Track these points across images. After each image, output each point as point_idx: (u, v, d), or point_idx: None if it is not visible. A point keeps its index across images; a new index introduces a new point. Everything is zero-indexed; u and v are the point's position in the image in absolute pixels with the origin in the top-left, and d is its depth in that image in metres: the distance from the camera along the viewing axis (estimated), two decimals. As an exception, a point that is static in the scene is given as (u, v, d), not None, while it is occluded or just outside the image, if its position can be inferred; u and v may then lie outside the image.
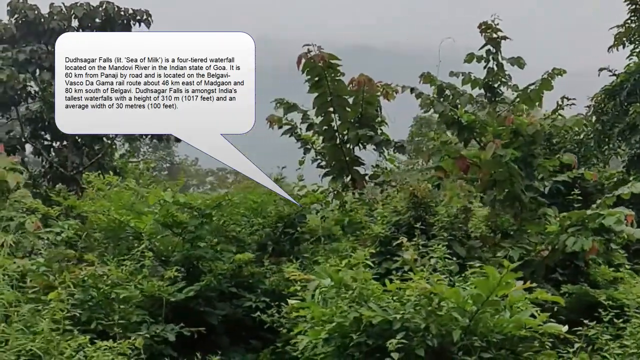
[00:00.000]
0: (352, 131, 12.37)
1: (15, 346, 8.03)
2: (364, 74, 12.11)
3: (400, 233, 10.69)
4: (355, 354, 7.69)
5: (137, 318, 9.62)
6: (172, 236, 11.14)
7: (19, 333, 8.21)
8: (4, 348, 7.99)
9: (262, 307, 10.39)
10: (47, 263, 9.59)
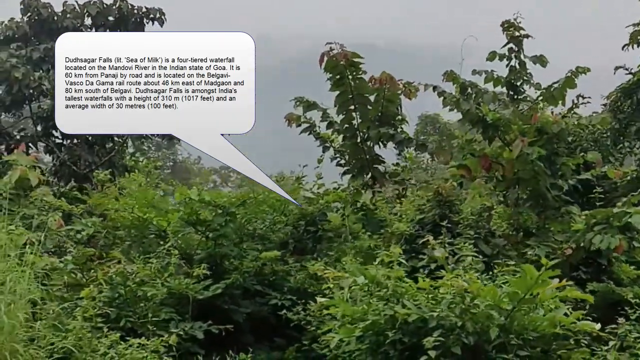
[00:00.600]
0: (372, 129, 12.36)
1: (46, 344, 8.05)
2: (386, 72, 12.11)
3: (425, 231, 10.73)
4: (390, 351, 7.69)
5: (165, 316, 9.64)
6: (195, 234, 11.15)
7: (48, 330, 8.22)
8: (35, 345, 8.00)
9: (287, 305, 10.39)
10: (75, 261, 9.59)
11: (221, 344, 10.01)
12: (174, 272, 10.14)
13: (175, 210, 11.05)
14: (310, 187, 12.58)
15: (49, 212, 12.50)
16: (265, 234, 11.50)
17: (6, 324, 7.56)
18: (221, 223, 10.70)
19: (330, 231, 11.51)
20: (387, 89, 12.25)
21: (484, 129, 10.79)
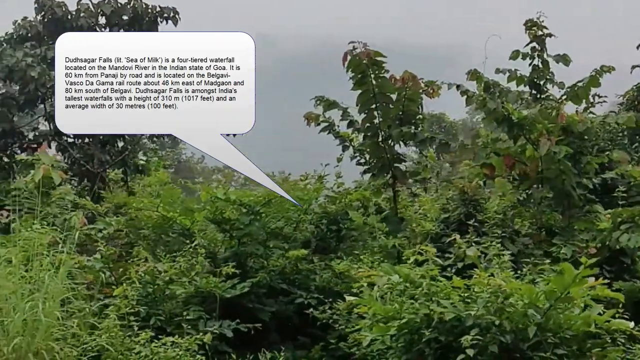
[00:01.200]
0: (394, 128, 12.36)
1: (80, 342, 8.06)
2: (408, 71, 12.10)
3: (450, 230, 10.75)
4: (425, 350, 7.69)
5: (193, 314, 9.66)
6: (218, 232, 11.17)
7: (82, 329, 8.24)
8: (69, 344, 8.01)
9: (314, 304, 10.40)
10: (104, 259, 9.60)
11: (247, 343, 10.04)
12: (201, 270, 10.17)
13: (199, 209, 11.06)
14: (331, 185, 12.60)
15: (70, 211, 12.55)
16: (288, 233, 11.52)
17: (43, 323, 7.57)
18: (247, 222, 10.72)
19: (353, 230, 11.52)
20: (408, 87, 12.23)
21: (509, 127, 10.80)
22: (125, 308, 8.40)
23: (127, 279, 9.22)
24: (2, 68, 17.99)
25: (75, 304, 8.49)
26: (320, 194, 11.49)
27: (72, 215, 11.94)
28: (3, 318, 7.59)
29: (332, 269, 10.77)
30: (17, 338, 7.34)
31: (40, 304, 7.60)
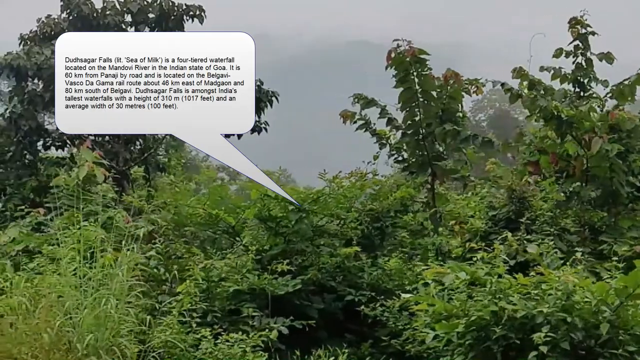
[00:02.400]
0: (435, 126, 12.37)
1: (146, 338, 8.06)
2: (451, 69, 12.12)
3: (498, 227, 10.77)
4: (493, 347, 7.69)
5: (247, 311, 9.68)
6: (264, 230, 11.18)
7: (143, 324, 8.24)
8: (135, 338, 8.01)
9: (364, 301, 10.41)
10: (160, 256, 9.61)
11: (296, 340, 10.04)
12: (252, 268, 10.19)
13: (246, 206, 11.08)
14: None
15: (113, 208, 12.55)
16: (335, 231, 11.51)
17: (115, 319, 7.59)
18: (295, 219, 10.73)
19: (399, 227, 11.53)
20: (450, 85, 12.24)
21: (558, 125, 10.81)
22: (188, 305, 8.40)
23: (185, 275, 9.22)
24: (30, 66, 18.04)
25: (136, 300, 8.49)
26: (365, 191, 11.47)
27: (116, 213, 11.96)
28: (72, 314, 7.59)
29: (379, 266, 10.78)
30: (91, 334, 7.33)
31: (113, 300, 7.60)
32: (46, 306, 7.75)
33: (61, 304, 7.81)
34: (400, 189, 11.60)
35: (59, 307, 7.78)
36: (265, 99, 19.72)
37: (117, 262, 8.36)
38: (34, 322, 7.64)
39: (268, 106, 19.86)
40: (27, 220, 13.15)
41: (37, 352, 7.30)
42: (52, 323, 7.62)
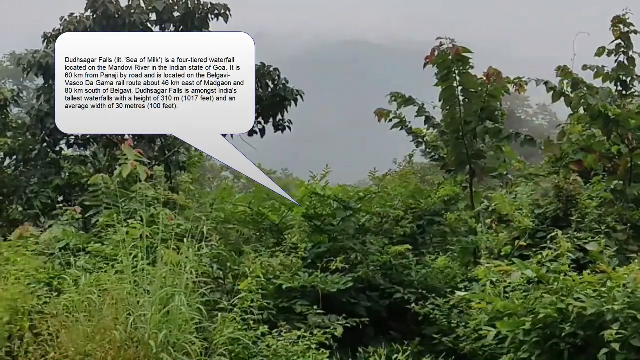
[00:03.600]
0: (475, 124, 12.40)
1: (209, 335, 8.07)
2: (493, 67, 12.15)
3: (546, 225, 10.80)
4: (560, 344, 7.71)
5: (301, 309, 9.70)
6: (310, 228, 11.19)
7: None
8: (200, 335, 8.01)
9: (413, 299, 10.43)
10: (212, 254, 9.61)
11: (344, 338, 10.05)
12: (301, 265, 10.20)
13: (292, 204, 11.09)
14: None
15: (153, 206, 12.55)
16: (375, 228, 11.53)
17: (186, 315, 7.60)
18: (343, 217, 10.74)
19: (445, 225, 11.55)
20: (490, 84, 12.27)
21: (605, 124, 10.83)
22: (250, 302, 8.41)
23: (239, 273, 9.23)
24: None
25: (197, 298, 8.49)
26: (409, 189, 11.48)
27: (159, 211, 11.96)
28: (141, 312, 7.59)
29: (426, 264, 10.80)
30: (164, 331, 7.34)
31: (183, 297, 7.61)
32: (111, 303, 7.73)
33: (127, 301, 7.79)
34: (444, 188, 11.59)
35: (124, 304, 7.77)
36: (290, 98, 19.72)
37: (179, 260, 8.34)
38: (101, 319, 7.62)
39: (292, 104, 19.87)
40: (64, 218, 13.17)
41: (108, 349, 7.28)
42: (119, 320, 7.61)
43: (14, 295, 7.81)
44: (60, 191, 19.87)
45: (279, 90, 19.64)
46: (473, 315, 9.53)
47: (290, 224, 11.46)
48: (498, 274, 8.25)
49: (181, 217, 11.83)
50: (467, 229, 11.98)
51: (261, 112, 20.42)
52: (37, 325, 7.78)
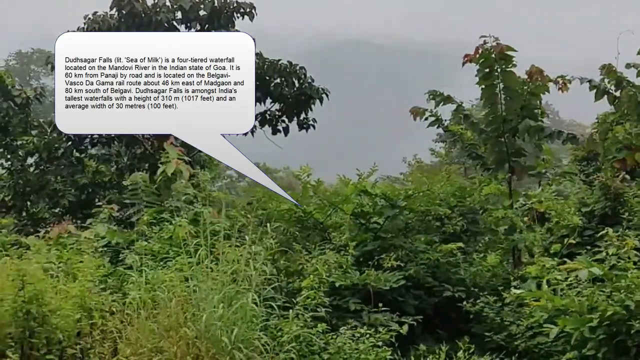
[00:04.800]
0: (515, 122, 12.41)
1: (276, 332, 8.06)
2: (535, 66, 12.15)
3: (594, 223, 10.81)
4: (627, 341, 7.72)
5: (355, 307, 9.69)
6: (356, 226, 11.18)
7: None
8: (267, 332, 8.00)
9: (463, 297, 10.42)
10: (269, 252, 9.59)
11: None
12: (351, 263, 10.18)
13: (338, 202, 11.10)
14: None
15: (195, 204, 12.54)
16: (421, 226, 11.50)
17: (257, 313, 7.60)
18: (390, 216, 10.74)
19: (489, 223, 11.54)
20: (532, 82, 12.27)
21: (655, 121, 10.89)
22: (313, 300, 8.40)
23: (297, 270, 9.22)
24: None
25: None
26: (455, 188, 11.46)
27: (203, 209, 11.95)
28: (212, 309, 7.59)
29: (472, 262, 10.80)
30: (236, 328, 7.34)
31: (253, 295, 7.61)
32: (179, 300, 7.74)
33: (193, 298, 7.80)
34: (489, 186, 11.59)
35: (191, 301, 7.77)
36: (316, 96, 19.77)
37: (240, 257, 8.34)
38: (169, 315, 7.62)
39: (318, 103, 19.93)
40: (102, 216, 13.16)
41: (180, 345, 7.28)
42: (186, 316, 7.62)
43: (83, 292, 7.80)
44: (85, 189, 19.91)
45: (304, 88, 19.70)
46: (526, 312, 9.56)
47: (333, 223, 11.46)
48: (552, 271, 8.26)
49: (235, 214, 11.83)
50: (506, 227, 11.96)
51: (285, 111, 20.53)
52: (104, 322, 7.78)
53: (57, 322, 7.37)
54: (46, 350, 7.30)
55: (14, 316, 7.30)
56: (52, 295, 7.44)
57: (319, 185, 11.14)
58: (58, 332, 7.42)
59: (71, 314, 7.60)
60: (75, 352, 7.45)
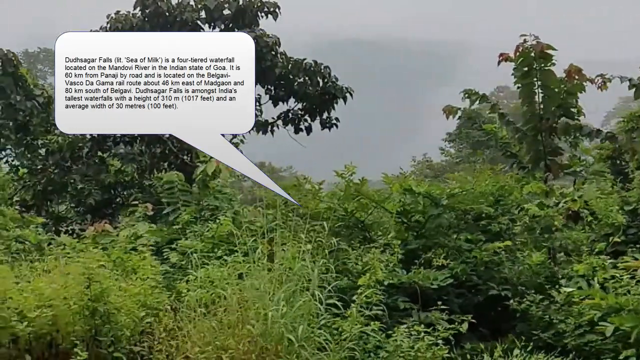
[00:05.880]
0: (553, 121, 12.42)
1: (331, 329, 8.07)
2: (574, 64, 12.16)
3: (637, 222, 10.82)
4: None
5: (404, 305, 9.70)
6: (398, 224, 11.18)
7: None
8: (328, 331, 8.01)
9: (509, 296, 10.42)
10: (318, 250, 9.61)
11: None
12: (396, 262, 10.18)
13: (381, 201, 11.10)
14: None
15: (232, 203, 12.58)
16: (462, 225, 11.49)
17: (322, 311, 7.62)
18: (435, 214, 10.74)
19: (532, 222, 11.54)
20: (569, 81, 12.29)
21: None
22: (371, 298, 8.41)
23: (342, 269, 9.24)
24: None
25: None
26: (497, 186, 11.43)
27: (243, 208, 11.99)
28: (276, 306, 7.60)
29: (516, 260, 10.80)
30: (302, 326, 7.35)
31: (317, 293, 7.63)
32: (240, 298, 7.76)
33: (253, 296, 7.81)
34: (530, 184, 11.60)
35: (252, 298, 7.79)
36: (340, 95, 19.76)
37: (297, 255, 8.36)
38: (232, 313, 7.64)
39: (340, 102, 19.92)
40: (137, 215, 13.17)
41: (245, 344, 7.29)
42: (248, 314, 7.63)
43: (146, 290, 7.81)
44: (109, 189, 19.92)
45: (328, 87, 19.70)
46: (575, 311, 9.58)
47: (373, 221, 11.46)
48: (601, 269, 8.28)
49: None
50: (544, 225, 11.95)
51: (308, 110, 20.53)
52: (166, 320, 7.79)
53: (123, 320, 7.38)
54: (113, 348, 7.30)
55: (80, 314, 7.30)
56: (116, 293, 7.44)
57: (362, 184, 11.11)
58: (125, 329, 7.42)
59: (136, 312, 7.60)
60: (142, 349, 7.46)
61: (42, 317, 7.13)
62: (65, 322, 7.26)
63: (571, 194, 13.04)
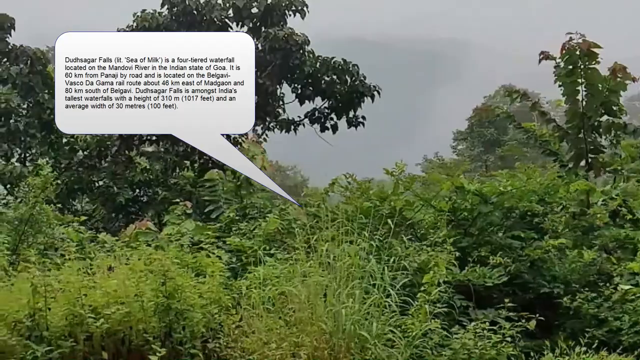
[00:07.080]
0: (595, 119, 12.42)
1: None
2: (618, 63, 12.15)
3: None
4: None
5: (460, 303, 9.69)
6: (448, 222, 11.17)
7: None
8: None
9: (562, 293, 10.40)
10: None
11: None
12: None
13: (430, 199, 11.10)
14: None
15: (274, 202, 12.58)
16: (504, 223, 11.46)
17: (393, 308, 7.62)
18: (484, 212, 10.74)
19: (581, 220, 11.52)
20: (612, 79, 12.27)
21: None
22: (433, 295, 8.41)
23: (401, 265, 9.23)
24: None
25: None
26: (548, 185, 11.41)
27: (287, 205, 11.98)
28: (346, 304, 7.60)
29: (569, 258, 10.79)
30: (374, 323, 7.35)
31: (389, 290, 7.63)
32: (307, 295, 7.76)
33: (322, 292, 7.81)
34: (578, 183, 11.57)
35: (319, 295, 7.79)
36: (368, 93, 19.76)
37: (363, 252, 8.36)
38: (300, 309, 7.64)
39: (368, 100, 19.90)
40: (177, 213, 13.15)
41: (318, 340, 7.29)
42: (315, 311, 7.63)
43: (218, 287, 7.82)
44: (137, 187, 19.88)
45: (356, 85, 19.69)
46: (630, 308, 9.58)
47: (421, 219, 11.44)
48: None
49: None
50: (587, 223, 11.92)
51: (335, 108, 20.51)
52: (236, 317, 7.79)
53: (198, 317, 7.38)
54: (190, 344, 7.30)
55: (154, 311, 7.30)
56: (190, 290, 7.44)
57: (412, 182, 11.10)
58: (200, 326, 7.42)
59: (210, 308, 7.60)
60: (217, 346, 7.46)
61: (116, 314, 7.13)
62: (138, 319, 7.26)
63: (610, 192, 13.04)
